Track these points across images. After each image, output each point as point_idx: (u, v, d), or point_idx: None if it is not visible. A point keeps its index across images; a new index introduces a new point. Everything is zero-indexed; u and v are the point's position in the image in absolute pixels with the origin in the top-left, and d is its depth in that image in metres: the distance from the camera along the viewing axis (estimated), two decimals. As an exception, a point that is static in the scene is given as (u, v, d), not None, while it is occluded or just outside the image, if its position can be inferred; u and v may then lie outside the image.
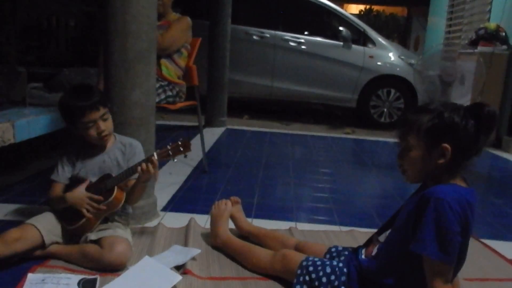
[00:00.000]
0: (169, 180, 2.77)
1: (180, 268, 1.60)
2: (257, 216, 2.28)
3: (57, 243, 1.67)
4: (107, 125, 1.72)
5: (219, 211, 1.90)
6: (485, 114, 1.21)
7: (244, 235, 1.91)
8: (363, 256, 1.43)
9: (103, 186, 1.69)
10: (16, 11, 3.68)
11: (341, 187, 2.97)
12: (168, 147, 1.64)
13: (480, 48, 4.63)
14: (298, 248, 1.67)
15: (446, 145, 1.22)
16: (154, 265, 1.54)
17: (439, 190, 1.21)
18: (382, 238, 1.43)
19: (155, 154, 1.65)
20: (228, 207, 1.93)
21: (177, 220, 2.12)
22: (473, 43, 4.83)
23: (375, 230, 1.53)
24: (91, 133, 1.69)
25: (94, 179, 1.73)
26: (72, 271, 1.56)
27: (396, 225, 1.35)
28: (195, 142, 3.34)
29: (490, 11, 5.47)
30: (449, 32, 6.70)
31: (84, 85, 1.80)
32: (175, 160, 1.68)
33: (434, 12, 7.55)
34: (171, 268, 1.56)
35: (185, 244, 1.82)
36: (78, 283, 1.46)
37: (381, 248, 1.39)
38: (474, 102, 1.26)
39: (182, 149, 1.63)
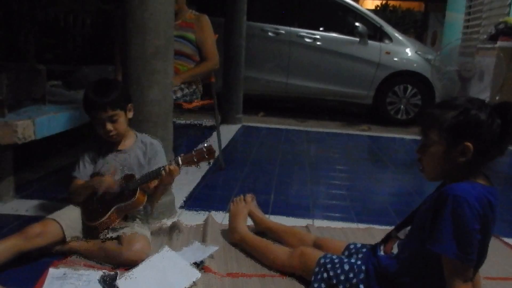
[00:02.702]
0: (186, 177, 2.77)
1: (198, 265, 1.61)
2: (274, 213, 2.28)
3: (77, 238, 1.69)
4: (116, 127, 1.72)
5: (237, 208, 1.91)
6: None
7: (262, 231, 1.91)
8: (381, 253, 1.42)
9: (125, 186, 1.70)
10: (34, 9, 3.73)
11: (358, 184, 2.96)
12: (193, 153, 1.65)
13: (500, 43, 4.54)
14: (316, 245, 1.67)
15: (468, 143, 1.19)
16: (174, 258, 1.55)
17: (458, 188, 1.19)
18: (401, 234, 1.41)
19: (179, 159, 1.65)
20: (247, 203, 1.94)
21: (195, 217, 2.13)
22: (493, 38, 4.74)
23: (392, 228, 1.52)
24: (98, 129, 1.72)
25: (115, 177, 1.75)
26: (92, 267, 1.58)
27: (415, 222, 1.34)
28: (212, 139, 3.35)
29: (510, 4, 5.36)
30: (467, 27, 6.59)
31: (107, 82, 1.81)
32: (199, 167, 1.68)
33: (452, 7, 7.42)
34: (190, 265, 1.57)
35: (203, 241, 1.83)
36: (99, 279, 1.48)
37: (401, 245, 1.37)
38: (502, 101, 1.21)
39: (207, 156, 1.64)
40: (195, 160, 1.64)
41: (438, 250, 1.19)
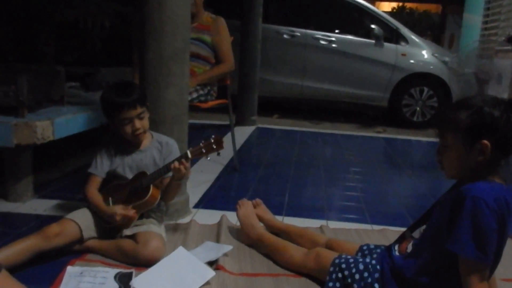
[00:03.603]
0: (200, 178, 2.80)
1: (212, 264, 1.62)
2: (288, 215, 2.28)
3: (94, 238, 1.72)
4: (142, 124, 1.75)
5: (246, 209, 1.92)
6: None
7: (275, 232, 1.92)
8: (396, 253, 1.42)
9: (139, 184, 1.73)
10: (54, 12, 3.80)
11: (373, 186, 2.94)
12: (201, 144, 1.67)
13: (518, 45, 4.47)
14: (328, 246, 1.67)
15: (485, 141, 1.18)
16: (188, 258, 1.57)
17: (476, 188, 1.18)
18: (415, 234, 1.41)
19: (188, 152, 1.67)
20: (250, 206, 1.95)
21: (209, 217, 2.15)
22: (511, 40, 4.67)
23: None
24: (126, 129, 1.73)
25: (130, 176, 1.78)
26: (109, 265, 1.61)
27: (431, 222, 1.33)
28: (226, 140, 3.34)
29: (529, 6, 5.27)
30: (485, 29, 6.50)
31: (127, 82, 1.86)
32: (209, 158, 1.70)
33: (469, 9, 7.32)
34: (204, 264, 1.58)
35: (217, 240, 1.84)
36: (115, 277, 1.50)
37: (416, 244, 1.37)
38: None
39: (215, 147, 1.65)
40: (204, 151, 1.66)
41: (456, 250, 1.18)
